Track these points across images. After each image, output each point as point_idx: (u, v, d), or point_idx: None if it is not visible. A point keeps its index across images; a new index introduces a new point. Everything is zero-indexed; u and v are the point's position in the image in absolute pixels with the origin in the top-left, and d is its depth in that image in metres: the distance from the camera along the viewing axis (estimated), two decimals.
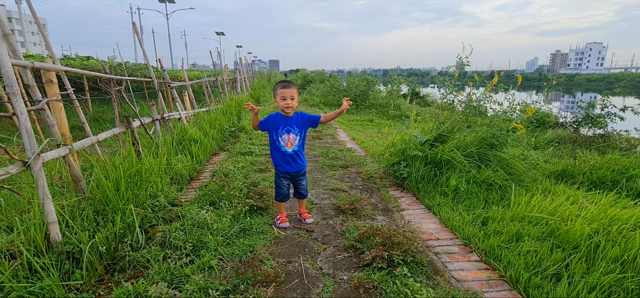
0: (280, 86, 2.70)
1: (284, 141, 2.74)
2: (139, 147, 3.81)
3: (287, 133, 2.74)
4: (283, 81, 2.76)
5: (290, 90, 2.67)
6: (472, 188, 3.51)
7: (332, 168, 4.72)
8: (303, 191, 2.94)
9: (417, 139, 3.85)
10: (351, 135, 7.25)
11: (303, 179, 2.90)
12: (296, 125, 2.75)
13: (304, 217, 3.00)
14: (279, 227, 2.89)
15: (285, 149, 2.76)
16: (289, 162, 2.79)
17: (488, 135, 3.87)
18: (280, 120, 2.75)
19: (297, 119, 2.77)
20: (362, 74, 19.59)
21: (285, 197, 2.92)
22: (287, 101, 2.65)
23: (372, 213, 3.19)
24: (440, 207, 3.29)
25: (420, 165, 3.77)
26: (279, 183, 2.87)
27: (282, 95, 2.66)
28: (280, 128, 2.73)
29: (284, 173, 2.84)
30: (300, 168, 2.84)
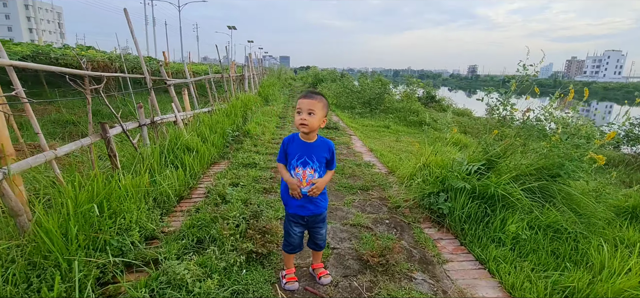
0: (300, 96, 1.91)
1: (298, 177, 1.96)
2: (117, 160, 3.10)
3: (302, 166, 1.94)
4: (307, 91, 1.96)
5: (309, 101, 1.85)
6: (535, 235, 2.70)
7: (350, 190, 3.94)
8: (320, 242, 2.16)
9: (463, 166, 3.04)
10: (368, 146, 6.45)
11: (321, 227, 2.11)
12: (316, 157, 1.95)
13: (319, 273, 2.23)
14: (284, 288, 2.14)
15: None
16: (303, 204, 2.00)
17: (552, 164, 3.04)
18: (296, 145, 1.96)
19: (319, 148, 1.96)
20: (372, 73, 18.72)
21: (296, 249, 2.14)
22: (303, 115, 1.85)
23: (408, 270, 2.41)
24: (498, 263, 2.49)
25: (465, 200, 2.96)
26: (288, 229, 2.10)
27: (297, 106, 1.89)
28: (295, 157, 1.95)
29: (295, 217, 2.06)
30: (317, 211, 2.04)
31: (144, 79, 4.23)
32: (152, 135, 4.15)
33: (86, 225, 2.15)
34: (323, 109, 1.88)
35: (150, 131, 4.21)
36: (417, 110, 11.35)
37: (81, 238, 2.04)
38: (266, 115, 8.93)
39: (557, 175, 3.11)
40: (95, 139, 2.94)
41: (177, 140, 4.30)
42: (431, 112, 12.28)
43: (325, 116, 1.92)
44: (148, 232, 2.67)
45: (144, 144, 3.83)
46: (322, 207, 2.05)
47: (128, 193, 2.80)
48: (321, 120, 1.89)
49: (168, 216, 3.16)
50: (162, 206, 3.20)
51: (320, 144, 1.97)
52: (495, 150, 3.20)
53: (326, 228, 2.17)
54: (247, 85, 12.02)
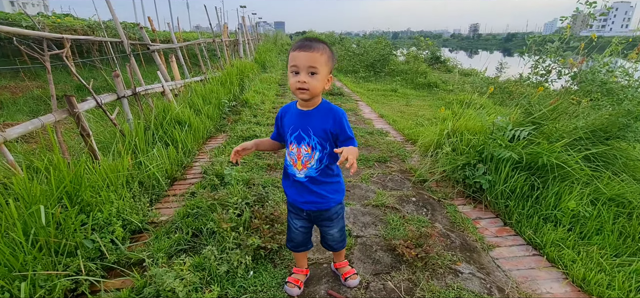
0: (294, 46, 1.29)
1: (292, 157, 1.43)
2: (92, 140, 2.59)
3: (297, 142, 1.40)
4: (302, 39, 1.30)
5: (308, 54, 1.24)
6: (596, 211, 2.25)
7: (366, 163, 3.46)
8: (332, 243, 1.62)
9: (506, 132, 2.53)
10: (378, 111, 5.90)
11: (330, 226, 1.56)
12: (313, 130, 1.37)
13: (345, 274, 1.75)
14: (285, 290, 1.71)
15: (292, 171, 1.45)
16: (301, 194, 1.47)
17: (612, 125, 2.53)
18: (292, 116, 1.43)
19: (318, 117, 1.37)
20: (371, 36, 17.69)
21: (300, 246, 1.66)
22: (301, 76, 1.26)
23: (451, 261, 1.97)
24: (558, 248, 2.05)
25: (509, 171, 2.49)
26: (289, 222, 1.62)
27: (292, 63, 1.27)
28: (289, 131, 1.43)
29: (294, 207, 1.55)
30: (322, 206, 1.48)
31: (121, 43, 3.61)
32: (136, 109, 3.60)
33: (43, 229, 1.67)
34: (328, 63, 1.29)
35: (134, 104, 3.66)
36: (424, 72, 10.64)
37: (51, 238, 1.58)
38: (265, 82, 8.29)
39: (616, 137, 2.61)
40: (61, 116, 2.41)
41: (166, 113, 3.76)
42: (438, 74, 11.57)
43: (330, 72, 1.33)
44: (132, 227, 2.22)
45: (127, 119, 3.30)
46: (329, 200, 1.47)
47: (105, 179, 2.31)
48: (325, 79, 1.31)
49: (159, 202, 2.71)
50: (151, 191, 2.74)
51: (321, 111, 1.37)
52: (542, 111, 2.67)
53: (341, 228, 1.60)
54: (242, 51, 11.20)
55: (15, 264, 1.48)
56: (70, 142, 3.36)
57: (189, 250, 2.03)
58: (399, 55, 13.51)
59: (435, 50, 15.82)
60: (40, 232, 1.62)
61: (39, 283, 1.51)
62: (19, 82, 9.58)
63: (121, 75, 3.20)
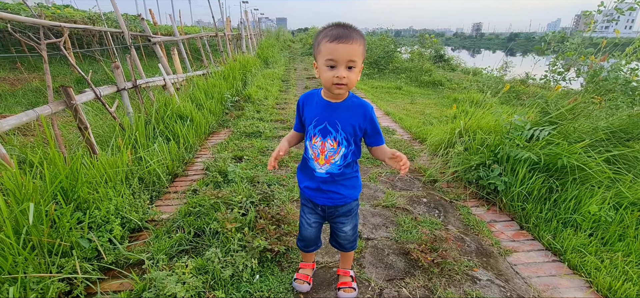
0: (330, 36, 1.12)
1: (314, 150, 1.32)
2: (90, 134, 2.48)
3: (321, 135, 1.29)
4: (335, 24, 1.15)
5: (349, 46, 1.10)
6: (619, 216, 2.14)
7: (373, 161, 3.35)
8: (343, 241, 1.52)
9: (524, 131, 2.41)
10: (383, 109, 5.78)
11: (344, 222, 1.46)
12: (341, 124, 1.27)
13: (340, 283, 1.64)
14: (292, 285, 1.66)
15: (312, 165, 1.35)
16: (320, 188, 1.37)
17: (634, 125, 2.42)
18: (316, 107, 1.30)
19: (349, 111, 1.27)
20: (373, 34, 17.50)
21: (311, 245, 1.57)
22: (339, 71, 1.13)
23: (468, 266, 1.87)
24: (581, 255, 1.95)
25: (526, 172, 2.38)
26: (302, 218, 1.51)
27: (329, 57, 1.12)
28: (312, 123, 1.30)
29: (310, 203, 1.45)
30: (339, 201, 1.39)
31: (122, 34, 3.49)
32: (137, 102, 3.49)
33: (39, 226, 1.57)
34: (364, 53, 1.18)
35: (135, 98, 3.55)
36: (429, 70, 10.51)
37: (45, 236, 1.47)
38: (268, 78, 8.16)
39: (637, 139, 2.50)
40: (58, 108, 2.30)
41: (167, 107, 3.65)
42: (442, 72, 11.44)
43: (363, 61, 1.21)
44: (131, 225, 2.11)
45: (127, 112, 3.19)
46: (347, 196, 1.39)
47: (103, 175, 2.21)
48: (360, 70, 1.20)
49: (160, 199, 2.61)
50: (152, 188, 2.63)
51: (350, 104, 1.27)
52: (561, 110, 2.56)
53: (355, 225, 1.50)
54: (245, 46, 11.06)
55: (4, 266, 1.37)
56: (68, 136, 3.26)
57: (191, 251, 1.92)
58: (403, 53, 13.36)
59: (439, 49, 15.68)
60: (32, 231, 1.51)
61: (30, 285, 1.41)
62: (18, 74, 9.47)
63: (121, 66, 3.08)
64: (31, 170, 1.89)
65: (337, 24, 1.15)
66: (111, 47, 4.20)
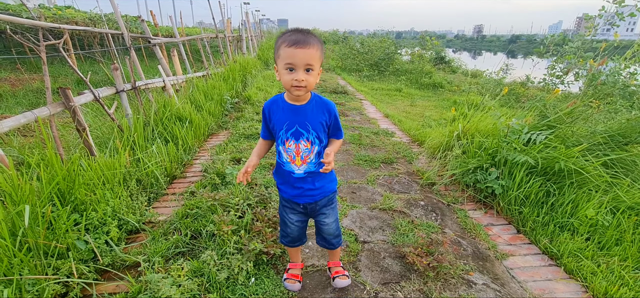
0: (287, 41, 1.18)
1: (289, 153, 1.37)
2: (88, 135, 2.49)
3: (294, 138, 1.34)
4: (293, 30, 1.22)
5: (305, 51, 1.17)
6: (616, 220, 2.13)
7: (371, 164, 3.35)
8: (328, 237, 1.57)
9: (522, 135, 2.41)
10: (383, 111, 5.79)
11: (327, 213, 1.51)
12: (312, 125, 1.33)
13: (334, 273, 1.70)
14: (283, 284, 1.70)
15: (289, 168, 1.40)
16: (297, 187, 1.43)
17: (632, 129, 2.42)
18: (283, 112, 1.34)
19: (315, 111, 1.33)
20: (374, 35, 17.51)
21: (296, 242, 1.62)
22: (298, 74, 1.19)
23: (464, 270, 1.87)
24: (577, 259, 1.95)
25: (523, 176, 2.38)
26: (283, 217, 1.55)
27: (288, 61, 1.18)
28: (283, 128, 1.35)
29: (290, 202, 1.49)
30: (319, 196, 1.45)
31: (121, 36, 3.50)
32: (136, 104, 3.50)
33: (37, 226, 1.57)
34: (321, 57, 1.24)
35: (134, 99, 3.56)
36: (429, 72, 10.52)
37: (39, 239, 1.48)
38: (268, 79, 8.17)
39: (635, 143, 2.50)
40: (56, 109, 2.31)
41: (166, 108, 3.66)
42: (443, 74, 11.44)
43: (321, 65, 1.26)
44: (128, 227, 2.12)
45: (126, 114, 3.20)
46: (326, 189, 1.46)
47: (101, 177, 2.21)
48: (317, 75, 1.25)
49: (157, 201, 2.61)
50: (149, 190, 2.64)
51: (315, 105, 1.33)
52: (559, 114, 2.56)
53: (336, 218, 1.55)
54: (245, 47, 11.08)
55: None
56: (67, 137, 3.27)
57: (188, 253, 1.93)
58: (404, 55, 13.37)
59: (439, 51, 15.68)
60: (28, 232, 1.52)
61: (25, 287, 1.41)
62: (19, 75, 9.50)
63: (120, 68, 3.09)
64: (28, 172, 1.90)
65: (296, 30, 1.22)
66: (111, 49, 4.21)
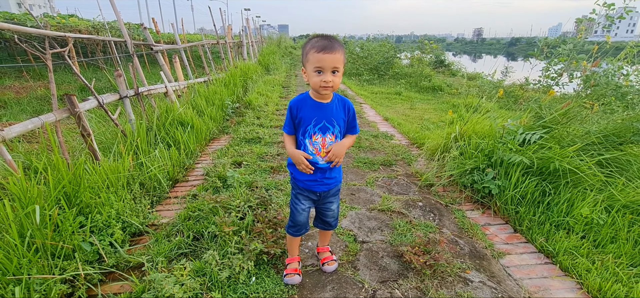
0: (315, 47, 1.34)
1: (316, 146, 1.52)
2: (93, 141, 2.55)
3: (322, 132, 1.50)
4: (320, 36, 1.38)
5: (333, 56, 1.33)
6: (611, 218, 2.17)
7: (371, 166, 3.40)
8: (331, 220, 1.77)
9: (517, 136, 2.46)
10: (382, 114, 5.84)
11: (334, 200, 1.72)
12: (336, 121, 1.51)
13: (323, 259, 1.87)
14: (284, 281, 1.77)
15: (315, 160, 1.54)
16: (319, 178, 1.58)
17: (626, 129, 2.46)
18: (311, 109, 1.49)
19: (338, 108, 1.52)
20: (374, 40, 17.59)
21: (303, 229, 1.74)
22: (326, 76, 1.36)
23: (460, 269, 1.90)
24: (572, 257, 1.98)
25: (519, 176, 2.42)
26: (296, 206, 1.67)
27: (317, 65, 1.35)
28: (311, 123, 1.49)
29: (307, 192, 1.63)
30: (334, 185, 1.65)
31: (124, 43, 3.58)
32: (139, 109, 3.57)
33: (44, 228, 1.62)
34: (344, 60, 1.41)
35: (137, 105, 3.63)
36: (429, 75, 10.58)
37: (47, 240, 1.53)
38: (268, 84, 8.26)
39: (630, 142, 2.54)
40: (62, 115, 2.37)
41: (169, 114, 3.72)
42: (442, 77, 11.50)
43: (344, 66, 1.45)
44: (132, 229, 2.17)
45: (129, 119, 3.26)
46: (338, 179, 1.68)
47: (105, 180, 2.27)
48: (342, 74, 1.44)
49: (160, 204, 2.66)
50: (152, 193, 2.69)
51: (338, 103, 1.53)
52: (554, 114, 2.60)
53: (338, 204, 1.76)
54: (246, 53, 11.19)
55: (9, 267, 1.43)
56: (72, 143, 3.33)
57: (190, 254, 1.97)
58: (403, 59, 13.45)
59: (439, 54, 15.76)
60: (36, 234, 1.57)
61: (34, 287, 1.46)
62: (24, 82, 9.64)
63: (124, 75, 3.16)
64: (36, 176, 1.96)
65: (322, 36, 1.38)
66: (115, 56, 4.30)
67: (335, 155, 1.50)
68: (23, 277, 1.41)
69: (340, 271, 1.87)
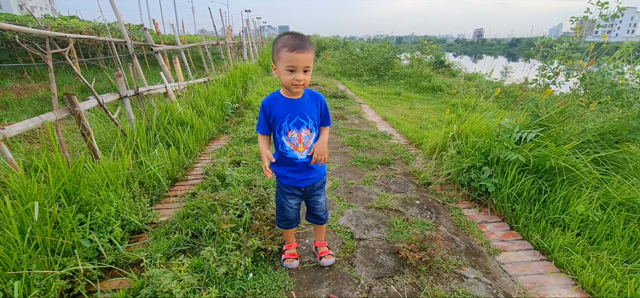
0: (288, 46, 1.38)
1: (292, 142, 1.57)
2: (93, 139, 2.57)
3: (296, 128, 1.56)
4: (291, 34, 1.42)
5: (304, 55, 1.39)
6: (606, 216, 2.18)
7: (369, 166, 3.41)
8: (320, 213, 1.81)
9: (513, 134, 2.48)
10: (381, 114, 5.86)
11: (320, 194, 1.76)
12: (309, 114, 1.56)
13: (320, 253, 1.92)
14: (283, 265, 1.87)
15: (293, 155, 1.60)
16: (302, 173, 1.65)
17: (622, 128, 2.47)
18: (283, 106, 1.55)
19: (310, 103, 1.58)
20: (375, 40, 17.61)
21: (294, 223, 1.83)
22: (298, 75, 1.42)
23: (456, 265, 1.92)
24: (567, 253, 1.99)
25: (516, 174, 2.43)
26: (282, 203, 1.74)
27: (289, 64, 1.40)
28: (285, 119, 1.55)
29: (291, 188, 1.69)
30: (317, 178, 1.71)
31: (125, 44, 3.61)
32: (139, 109, 3.60)
33: (44, 225, 1.65)
34: (314, 59, 1.48)
35: (137, 105, 3.66)
36: (428, 76, 10.60)
37: (47, 235, 1.55)
38: (268, 85, 8.28)
39: (626, 141, 2.55)
40: (62, 114, 2.40)
41: (168, 113, 3.75)
42: (442, 78, 11.52)
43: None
44: (131, 227, 2.19)
45: (129, 119, 3.29)
46: (321, 172, 1.72)
47: (105, 179, 2.29)
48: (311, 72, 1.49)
49: (159, 203, 2.69)
50: (152, 192, 2.71)
51: (309, 98, 1.58)
52: (550, 113, 2.62)
53: (325, 196, 1.82)
54: (246, 53, 11.23)
55: (9, 263, 1.45)
56: (73, 143, 3.36)
57: (188, 251, 1.99)
58: (403, 59, 13.47)
59: (439, 55, 15.77)
60: (36, 230, 1.59)
61: (33, 282, 1.48)
62: (25, 84, 9.69)
63: (124, 75, 3.19)
64: (36, 175, 1.98)
65: (293, 35, 1.42)
66: (115, 56, 4.33)
67: (319, 153, 1.56)
68: (23, 272, 1.43)
69: (337, 267, 1.89)
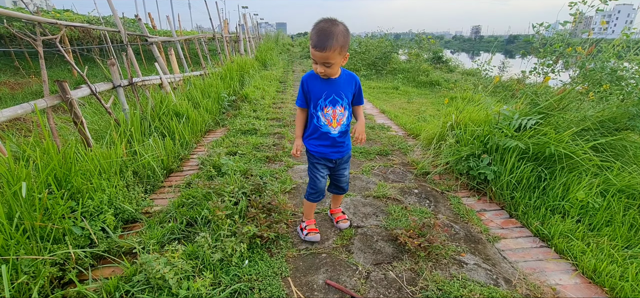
0: (312, 40, 1.51)
1: (327, 117, 1.70)
2: (85, 127, 2.52)
3: (332, 105, 1.69)
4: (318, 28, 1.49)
5: (321, 53, 1.50)
6: (606, 202, 2.16)
7: (367, 156, 3.38)
8: (344, 184, 1.97)
9: (513, 121, 2.45)
10: (379, 108, 5.83)
11: (347, 166, 1.94)
12: (345, 94, 1.68)
13: (337, 218, 2.12)
14: (305, 239, 1.96)
15: (327, 129, 1.72)
16: (334, 147, 1.78)
17: (622, 115, 2.45)
18: (321, 83, 1.67)
19: (346, 83, 1.70)
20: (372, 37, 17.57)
21: (321, 195, 1.91)
22: (319, 68, 1.57)
23: (455, 251, 1.89)
24: (567, 239, 1.97)
25: (515, 161, 2.41)
26: (314, 174, 1.84)
27: (312, 57, 1.56)
28: (322, 97, 1.68)
29: (324, 161, 1.82)
30: (345, 153, 1.86)
31: (119, 33, 3.55)
32: (133, 99, 3.54)
33: (33, 211, 1.60)
34: (342, 50, 1.52)
35: (131, 95, 3.60)
36: (426, 70, 10.57)
37: (35, 221, 1.51)
38: (265, 79, 8.22)
39: (626, 128, 2.53)
40: (53, 101, 2.34)
41: (163, 104, 3.69)
42: (440, 73, 11.49)
43: (347, 50, 1.56)
44: (127, 214, 2.15)
45: (123, 109, 3.23)
46: (349, 146, 1.87)
47: (97, 167, 2.24)
48: (341, 61, 1.57)
49: (154, 193, 2.64)
50: (146, 181, 2.66)
51: (346, 78, 1.70)
52: (549, 100, 2.59)
53: (349, 168, 1.99)
54: (243, 48, 11.14)
55: None
56: (66, 135, 3.30)
57: (183, 239, 1.95)
58: (401, 55, 13.42)
59: (437, 51, 15.74)
60: (25, 215, 1.55)
61: (21, 268, 1.44)
62: (19, 79, 9.57)
63: (117, 63, 3.13)
64: (26, 164, 1.93)
65: (319, 30, 1.48)
66: (109, 46, 4.26)
67: (361, 133, 1.69)
68: (10, 257, 1.39)
69: (334, 254, 1.85)
